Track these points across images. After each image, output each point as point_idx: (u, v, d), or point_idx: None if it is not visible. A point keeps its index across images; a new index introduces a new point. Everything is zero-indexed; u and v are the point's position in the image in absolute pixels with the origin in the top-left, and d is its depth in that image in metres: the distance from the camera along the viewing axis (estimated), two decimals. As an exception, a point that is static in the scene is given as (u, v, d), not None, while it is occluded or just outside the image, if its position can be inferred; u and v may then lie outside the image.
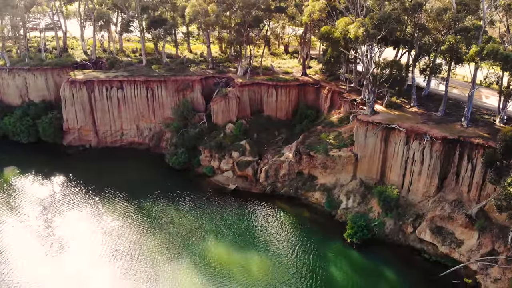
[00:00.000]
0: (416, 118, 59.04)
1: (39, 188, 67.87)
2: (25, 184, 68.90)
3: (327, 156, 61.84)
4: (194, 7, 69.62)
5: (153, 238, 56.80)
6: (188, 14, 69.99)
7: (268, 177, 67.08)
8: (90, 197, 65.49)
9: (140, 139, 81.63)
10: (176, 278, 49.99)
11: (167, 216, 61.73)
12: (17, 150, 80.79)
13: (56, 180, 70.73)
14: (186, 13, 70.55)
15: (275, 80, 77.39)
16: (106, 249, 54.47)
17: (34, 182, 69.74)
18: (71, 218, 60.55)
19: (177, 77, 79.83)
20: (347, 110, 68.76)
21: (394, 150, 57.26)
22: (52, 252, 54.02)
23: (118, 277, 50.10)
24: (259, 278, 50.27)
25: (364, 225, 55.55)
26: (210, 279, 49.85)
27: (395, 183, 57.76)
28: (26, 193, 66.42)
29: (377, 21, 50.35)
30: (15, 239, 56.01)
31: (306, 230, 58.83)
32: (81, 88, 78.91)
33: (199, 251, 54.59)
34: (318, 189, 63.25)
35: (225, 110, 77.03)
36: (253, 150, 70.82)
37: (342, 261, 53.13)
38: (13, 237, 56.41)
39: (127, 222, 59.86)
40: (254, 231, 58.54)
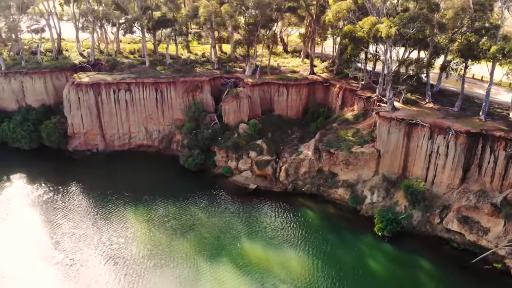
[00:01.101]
0: (435, 113, 61.39)
1: (55, 198, 65.50)
2: (40, 194, 66.46)
3: (350, 153, 63.30)
4: (207, 7, 69.29)
5: (187, 241, 56.51)
6: (202, 15, 69.62)
7: (288, 175, 67.88)
8: (111, 203, 64.15)
9: (149, 142, 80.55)
10: (221, 279, 50.03)
11: (194, 218, 61.48)
12: (19, 157, 77.98)
13: (71, 187, 68.51)
14: (200, 13, 70.18)
15: (286, 79, 78.28)
16: (143, 255, 53.63)
17: (48, 191, 67.15)
18: (99, 226, 59.11)
19: (186, 78, 79.32)
20: (361, 107, 70.49)
21: (418, 144, 59.30)
22: (91, 260, 52.76)
23: (164, 283, 49.42)
24: (302, 274, 51.08)
25: (393, 219, 57.32)
26: (254, 278, 50.23)
27: (419, 176, 59.87)
28: (45, 204, 64.05)
29: (407, 21, 52.11)
30: (56, 251, 54.34)
31: (334, 225, 60.07)
32: (88, 91, 77.05)
33: (236, 251, 54.79)
34: (341, 185, 64.60)
35: (237, 110, 77.23)
36: (270, 149, 71.43)
37: (377, 254, 54.64)
38: (53, 250, 54.65)
39: (156, 226, 59.21)
40: (285, 229, 59.25)
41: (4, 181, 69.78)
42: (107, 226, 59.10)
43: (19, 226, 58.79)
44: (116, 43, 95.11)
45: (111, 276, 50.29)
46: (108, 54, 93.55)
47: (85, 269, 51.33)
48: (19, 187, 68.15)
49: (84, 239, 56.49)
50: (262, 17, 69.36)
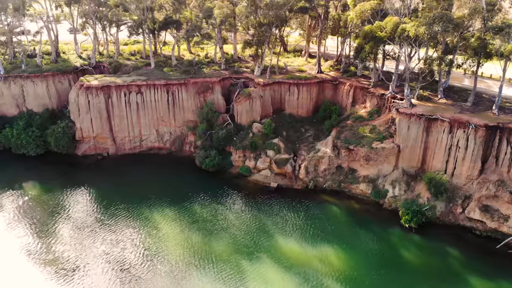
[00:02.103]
0: (450, 108, 64.48)
1: (78, 204, 64.50)
2: (59, 201, 65.37)
3: (371, 149, 65.51)
4: (221, 8, 69.83)
5: (221, 241, 57.14)
6: (218, 16, 70.05)
7: (308, 172, 69.48)
8: (137, 206, 63.84)
9: (160, 144, 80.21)
10: (266, 276, 51.05)
11: (223, 217, 62.14)
12: (27, 164, 76.02)
13: (89, 192, 67.60)
14: (216, 14, 70.56)
15: (296, 78, 79.76)
16: (183, 256, 53.96)
17: (68, 198, 65.94)
18: (132, 230, 58.80)
19: (196, 79, 79.58)
20: (374, 104, 72.94)
21: (437, 139, 62.17)
22: (133, 266, 52.51)
23: (211, 283, 49.93)
24: (342, 267, 52.83)
25: (418, 210, 59.94)
26: (297, 273, 51.55)
27: (438, 169, 62.77)
28: (70, 211, 63.15)
29: (432, 21, 54.67)
30: (98, 257, 54.04)
31: (361, 219, 62.13)
32: (98, 94, 75.97)
33: (272, 247, 55.94)
34: (362, 180, 66.77)
35: (249, 110, 78.13)
36: (288, 147, 72.82)
37: (407, 244, 57.10)
38: (95, 256, 54.28)
39: (187, 228, 59.55)
40: (314, 224, 60.83)
41: (17, 189, 68.14)
42: (139, 229, 59.04)
43: (53, 234, 57.69)
44: (116, 45, 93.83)
45: (160, 278, 50.25)
46: (109, 56, 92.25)
47: (128, 273, 50.97)
48: (34, 195, 66.74)
49: (119, 243, 56.17)
50: (276, 18, 70.37)
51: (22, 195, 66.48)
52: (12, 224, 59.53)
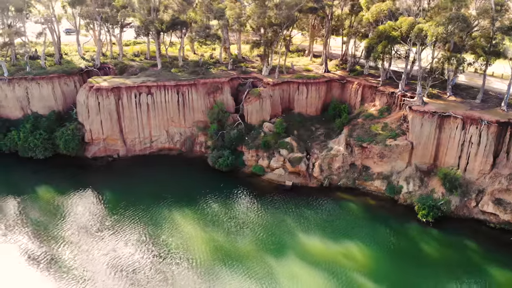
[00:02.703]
0: (460, 106, 66.76)
1: (92, 206, 64.49)
2: (73, 203, 65.12)
3: (385, 146, 67.30)
4: (233, 9, 70.67)
5: (245, 239, 58.07)
6: (230, 16, 70.86)
7: (322, 171, 70.89)
8: (155, 207, 64.13)
9: (171, 145, 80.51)
10: (294, 272, 52.19)
11: (243, 217, 63.04)
12: (34, 167, 75.35)
13: (103, 195, 67.39)
14: (228, 15, 71.37)
15: (305, 77, 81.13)
16: (209, 255, 54.70)
17: (81, 200, 65.78)
18: (153, 230, 59.16)
19: (206, 79, 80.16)
20: (384, 102, 74.82)
21: (450, 135, 64.34)
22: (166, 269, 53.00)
23: (241, 281, 50.77)
24: (366, 262, 54.43)
25: (433, 205, 61.95)
26: (324, 268, 52.85)
27: (451, 165, 64.98)
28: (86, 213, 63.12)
29: (449, 21, 56.66)
30: (125, 259, 54.27)
31: (378, 215, 63.88)
32: (108, 95, 75.85)
33: (297, 245, 57.12)
34: (377, 177, 68.52)
35: (259, 110, 79.18)
36: (300, 146, 74.10)
37: (426, 238, 59.03)
38: (122, 258, 54.55)
39: (209, 228, 60.18)
40: (333, 221, 62.39)
41: (27, 192, 67.19)
42: (161, 230, 59.49)
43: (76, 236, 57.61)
44: (119, 46, 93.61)
45: (192, 277, 50.89)
46: (113, 57, 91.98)
47: (161, 273, 51.51)
48: (46, 198, 66.15)
49: (144, 244, 56.57)
50: (288, 18, 71.56)
51: (33, 198, 65.87)
52: (29, 228, 59.23)
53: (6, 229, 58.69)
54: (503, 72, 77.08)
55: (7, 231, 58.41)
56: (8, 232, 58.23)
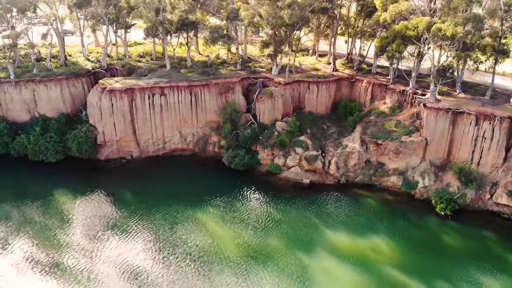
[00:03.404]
0: (472, 102, 69.80)
1: (113, 208, 64.74)
2: (91, 206, 65.21)
3: (400, 143, 69.79)
4: (247, 9, 72.00)
5: (273, 237, 59.48)
6: (246, 17, 72.18)
7: (338, 168, 72.94)
8: (174, 208, 64.61)
9: (183, 145, 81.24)
10: (328, 268, 53.99)
11: (266, 214, 64.47)
12: (46, 171, 74.94)
13: (124, 196, 67.76)
14: (244, 16, 72.65)
15: (315, 76, 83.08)
16: (241, 256, 55.82)
17: (102, 203, 65.75)
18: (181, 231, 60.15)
19: (218, 80, 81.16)
20: (395, 100, 77.39)
21: (464, 131, 67.25)
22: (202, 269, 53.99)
23: (277, 278, 52.19)
24: (394, 255, 56.66)
25: (450, 199, 64.72)
26: (357, 263, 54.71)
27: (464, 159, 67.91)
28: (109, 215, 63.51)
29: (466, 21, 59.45)
30: (156, 261, 54.93)
31: (397, 209, 66.28)
32: (122, 97, 76.13)
33: (324, 241, 58.94)
34: (393, 173, 71.00)
35: (271, 109, 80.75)
36: (315, 144, 75.97)
37: (447, 230, 61.72)
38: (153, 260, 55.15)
39: (235, 226, 61.40)
40: (356, 217, 64.41)
41: (46, 196, 66.91)
42: (188, 230, 60.48)
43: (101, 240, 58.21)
44: (124, 47, 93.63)
45: (226, 275, 52.13)
46: (119, 58, 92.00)
47: (197, 273, 52.51)
48: (61, 201, 66.07)
49: (173, 244, 57.52)
50: (301, 18, 73.31)
51: (49, 202, 65.54)
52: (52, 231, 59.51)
53: (31, 233, 58.72)
54: (504, 70, 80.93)
55: (31, 234, 58.55)
56: (31, 235, 58.40)
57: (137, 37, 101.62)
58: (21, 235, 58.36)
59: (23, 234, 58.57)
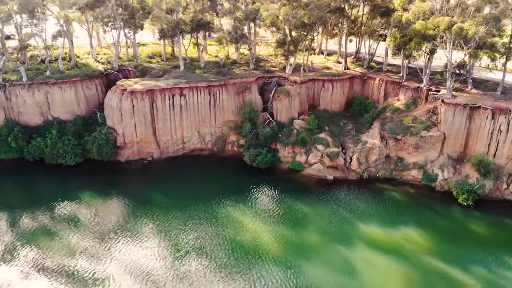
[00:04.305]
0: (485, 97, 74.24)
1: (150, 210, 65.52)
2: (119, 208, 66.13)
3: (420, 138, 73.54)
4: (267, 10, 74.22)
5: (310, 233, 61.90)
6: (267, 18, 74.35)
7: (360, 164, 76.11)
8: (205, 207, 66.20)
9: (202, 145, 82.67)
10: (370, 259, 56.80)
11: (297, 210, 66.76)
12: (64, 174, 75.13)
13: (153, 197, 68.86)
14: (265, 16, 74.78)
15: (330, 75, 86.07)
16: (284, 251, 58.05)
17: (133, 206, 66.45)
18: (217, 229, 61.92)
19: (235, 80, 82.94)
20: (409, 96, 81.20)
21: (480, 125, 71.56)
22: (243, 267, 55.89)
23: (324, 271, 54.74)
24: (428, 245, 59.95)
25: (471, 189, 68.88)
26: (394, 254, 57.75)
27: (481, 152, 72.25)
28: (140, 216, 64.58)
29: (486, 20, 63.59)
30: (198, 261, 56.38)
31: (421, 201, 69.87)
32: (143, 98, 76.90)
33: (360, 234, 61.79)
34: (413, 167, 74.73)
35: (288, 108, 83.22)
36: (335, 141, 78.90)
37: (472, 219, 65.72)
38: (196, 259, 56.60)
39: (271, 223, 63.35)
40: (384, 210, 67.64)
41: (69, 199, 67.37)
42: (223, 227, 62.15)
43: (147, 238, 59.29)
44: (133, 48, 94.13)
45: (273, 270, 54.38)
46: (129, 59, 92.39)
47: (244, 269, 54.51)
48: (85, 204, 66.61)
49: (214, 242, 59.18)
50: (320, 18, 76.08)
51: (74, 205, 66.13)
52: (85, 235, 60.20)
53: (63, 236, 59.52)
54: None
55: (63, 238, 59.29)
56: (63, 239, 59.13)
57: (140, 37, 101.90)
58: (54, 239, 58.88)
59: (56, 238, 59.11)
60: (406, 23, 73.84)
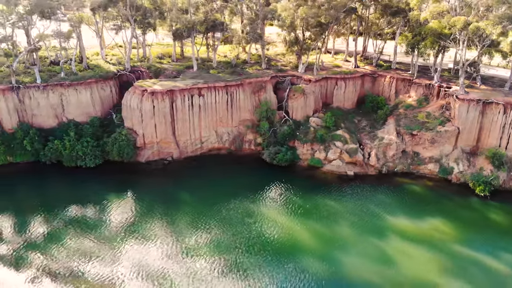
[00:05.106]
0: (495, 93, 79.03)
1: (183, 208, 67.81)
2: (148, 208, 67.90)
3: (437, 132, 77.76)
4: (286, 10, 77.09)
5: (342, 227, 64.96)
6: (287, 17, 77.13)
7: (378, 159, 79.79)
8: (237, 205, 68.50)
9: (220, 144, 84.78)
10: (404, 250, 60.29)
11: (324, 206, 69.70)
12: (83, 176, 76.02)
13: (182, 196, 70.93)
14: (284, 16, 77.55)
15: (343, 73, 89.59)
16: (322, 245, 61.11)
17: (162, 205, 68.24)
18: (254, 228, 64.23)
19: (251, 79, 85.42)
20: (421, 93, 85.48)
21: (492, 119, 76.25)
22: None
23: (361, 260, 58.02)
24: (455, 234, 63.86)
25: (486, 181, 73.47)
26: (426, 244, 61.32)
27: (493, 145, 76.97)
28: (183, 215, 66.66)
29: (502, 20, 68.16)
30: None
31: (440, 194, 73.96)
32: (164, 98, 78.50)
33: (389, 226, 65.33)
34: (429, 161, 78.92)
35: (303, 106, 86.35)
36: (353, 138, 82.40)
37: (490, 208, 70.07)
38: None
39: (302, 219, 66.13)
40: (407, 202, 71.42)
41: (94, 202, 68.59)
42: (257, 225, 64.54)
43: (183, 236, 61.28)
44: (143, 49, 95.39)
45: (311, 262, 57.30)
46: (140, 60, 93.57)
47: (286, 263, 57.20)
48: (109, 206, 68.20)
49: (248, 239, 61.58)
50: (337, 18, 79.45)
51: (101, 207, 67.58)
52: (126, 237, 61.82)
53: (96, 237, 61.09)
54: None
55: (96, 239, 60.84)
56: (96, 240, 60.68)
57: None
58: (87, 240, 60.48)
59: (91, 239, 60.77)
60: (419, 22, 77.71)
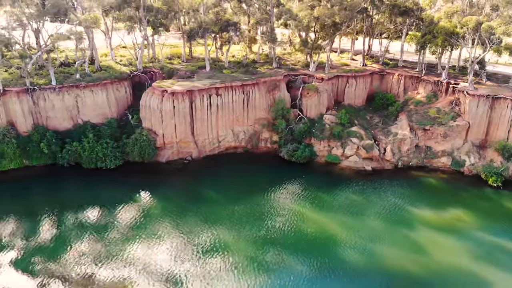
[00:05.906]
0: (502, 89, 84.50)
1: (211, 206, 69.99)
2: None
3: (449, 127, 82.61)
4: (304, 10, 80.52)
5: (370, 218, 68.68)
6: (305, 17, 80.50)
7: (394, 154, 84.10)
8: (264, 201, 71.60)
9: (236, 143, 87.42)
10: (434, 240, 64.25)
11: (349, 199, 73.58)
12: (106, 178, 77.19)
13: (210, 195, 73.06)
14: (302, 16, 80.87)
15: (353, 71, 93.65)
16: (355, 236, 64.67)
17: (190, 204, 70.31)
18: (284, 224, 67.10)
19: (265, 78, 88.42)
20: (429, 90, 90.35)
21: (501, 113, 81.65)
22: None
23: (394, 249, 61.91)
24: (478, 223, 68.41)
25: (497, 172, 78.74)
26: (452, 233, 65.67)
27: (501, 138, 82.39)
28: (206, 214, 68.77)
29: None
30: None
31: (456, 185, 78.67)
32: (184, 99, 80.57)
33: (415, 217, 69.39)
34: (442, 155, 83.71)
35: (317, 104, 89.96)
36: (368, 134, 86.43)
37: (503, 197, 75.23)
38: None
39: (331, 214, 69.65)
40: (426, 194, 75.70)
41: (124, 202, 70.25)
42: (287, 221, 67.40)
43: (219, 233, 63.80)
44: (153, 50, 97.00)
45: (347, 254, 60.87)
46: (151, 61, 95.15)
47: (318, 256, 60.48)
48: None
49: (279, 235, 64.60)
50: (351, 18, 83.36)
51: (125, 208, 69.15)
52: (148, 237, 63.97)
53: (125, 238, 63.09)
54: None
55: (125, 239, 62.81)
56: (125, 240, 62.71)
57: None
58: (115, 242, 62.35)
59: (118, 241, 62.54)
60: (429, 22, 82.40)
